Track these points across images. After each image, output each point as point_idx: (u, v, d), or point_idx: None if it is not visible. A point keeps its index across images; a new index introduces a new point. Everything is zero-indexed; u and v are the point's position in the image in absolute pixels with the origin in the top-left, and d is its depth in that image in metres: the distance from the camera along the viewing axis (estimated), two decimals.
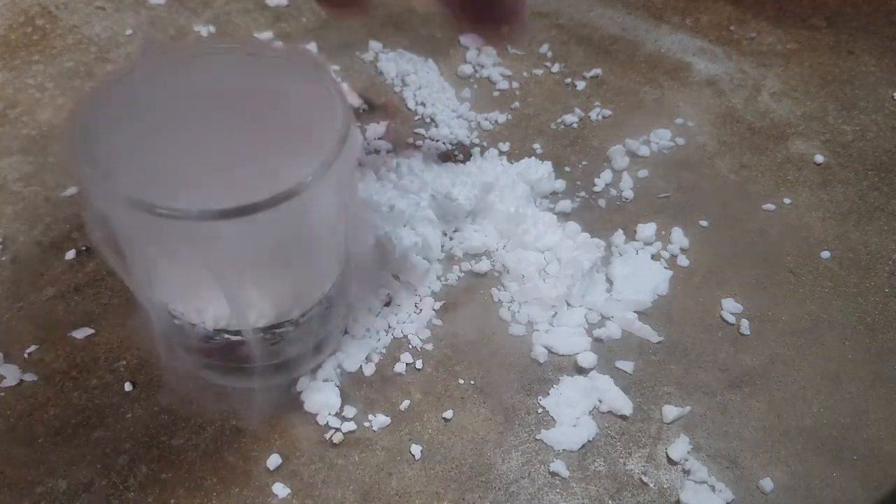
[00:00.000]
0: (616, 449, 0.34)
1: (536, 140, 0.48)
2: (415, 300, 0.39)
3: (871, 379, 0.37)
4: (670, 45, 0.54)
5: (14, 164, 0.45)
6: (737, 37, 0.55)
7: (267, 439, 0.34)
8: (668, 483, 0.33)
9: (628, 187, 0.45)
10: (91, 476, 0.33)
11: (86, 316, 0.38)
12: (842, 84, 0.51)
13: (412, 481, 0.33)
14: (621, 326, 0.38)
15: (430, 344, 0.38)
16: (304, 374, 0.35)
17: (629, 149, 0.47)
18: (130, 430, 0.34)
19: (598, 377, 0.36)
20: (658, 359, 0.37)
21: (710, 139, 0.48)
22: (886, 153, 0.47)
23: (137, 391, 0.36)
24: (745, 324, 0.38)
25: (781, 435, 0.35)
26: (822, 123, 0.49)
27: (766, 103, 0.50)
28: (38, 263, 0.40)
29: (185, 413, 0.35)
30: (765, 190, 0.45)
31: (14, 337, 0.37)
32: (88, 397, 0.35)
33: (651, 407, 0.36)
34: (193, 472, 0.33)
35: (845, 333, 0.38)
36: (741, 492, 0.33)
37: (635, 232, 0.42)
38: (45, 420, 0.34)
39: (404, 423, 0.35)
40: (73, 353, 0.37)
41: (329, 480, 0.33)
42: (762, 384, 0.36)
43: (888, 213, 0.44)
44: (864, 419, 0.35)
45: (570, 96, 0.51)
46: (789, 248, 0.42)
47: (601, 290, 0.40)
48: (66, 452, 0.33)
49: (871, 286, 0.40)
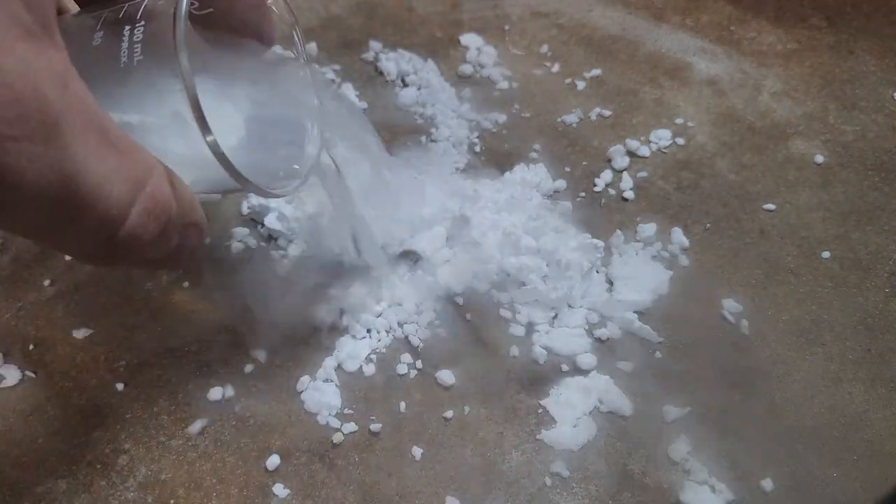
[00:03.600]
0: (616, 449, 0.34)
1: (536, 140, 0.48)
2: (416, 301, 0.39)
3: (871, 379, 0.37)
4: (670, 45, 0.54)
5: None
6: (737, 37, 0.55)
7: (267, 439, 0.34)
8: (668, 483, 0.33)
9: (628, 187, 0.45)
10: (91, 476, 0.33)
11: (86, 316, 0.38)
12: (842, 84, 0.51)
13: (412, 481, 0.33)
14: (621, 327, 0.38)
15: (430, 344, 0.38)
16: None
17: (629, 149, 0.47)
18: (130, 430, 0.34)
19: (598, 377, 0.36)
20: (658, 359, 0.37)
21: (710, 139, 0.48)
22: (886, 153, 0.47)
23: (137, 391, 0.36)
24: (745, 324, 0.38)
25: (781, 435, 0.35)
26: (822, 123, 0.49)
27: (766, 103, 0.50)
28: (38, 263, 0.40)
29: (185, 413, 0.35)
30: (765, 190, 0.45)
31: (14, 337, 0.37)
32: (88, 397, 0.35)
33: (651, 407, 0.36)
34: (193, 472, 0.33)
35: (845, 333, 0.38)
36: (741, 492, 0.33)
37: (635, 232, 0.42)
38: (45, 420, 0.34)
39: (404, 424, 0.35)
40: (73, 353, 0.37)
41: (329, 480, 0.33)
42: (762, 384, 0.36)
43: (888, 213, 0.43)
44: (864, 419, 0.35)
45: (570, 96, 0.51)
46: (789, 248, 0.42)
47: (601, 290, 0.40)
48: (66, 452, 0.33)
49: (871, 286, 0.40)
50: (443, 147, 0.47)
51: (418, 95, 0.50)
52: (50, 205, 0.20)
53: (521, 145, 0.47)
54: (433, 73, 0.51)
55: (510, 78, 0.52)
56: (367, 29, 0.55)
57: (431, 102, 0.49)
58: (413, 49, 0.53)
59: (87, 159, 0.20)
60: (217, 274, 0.40)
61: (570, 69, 0.52)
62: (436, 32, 0.55)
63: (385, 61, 0.52)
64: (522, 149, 0.47)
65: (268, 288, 0.39)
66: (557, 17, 0.56)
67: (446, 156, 0.46)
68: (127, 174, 0.21)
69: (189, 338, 0.37)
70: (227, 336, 0.38)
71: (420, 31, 0.55)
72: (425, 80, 0.51)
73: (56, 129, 0.19)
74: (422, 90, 0.50)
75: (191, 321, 0.38)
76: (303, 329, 0.38)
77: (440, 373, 0.36)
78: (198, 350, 0.37)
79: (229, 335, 0.38)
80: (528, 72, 0.52)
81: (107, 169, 0.21)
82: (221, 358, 0.37)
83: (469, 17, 0.56)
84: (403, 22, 0.56)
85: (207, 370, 0.36)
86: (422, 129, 0.48)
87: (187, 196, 0.24)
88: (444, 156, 0.46)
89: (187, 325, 0.38)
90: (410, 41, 0.54)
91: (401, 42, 0.54)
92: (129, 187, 0.21)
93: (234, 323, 0.38)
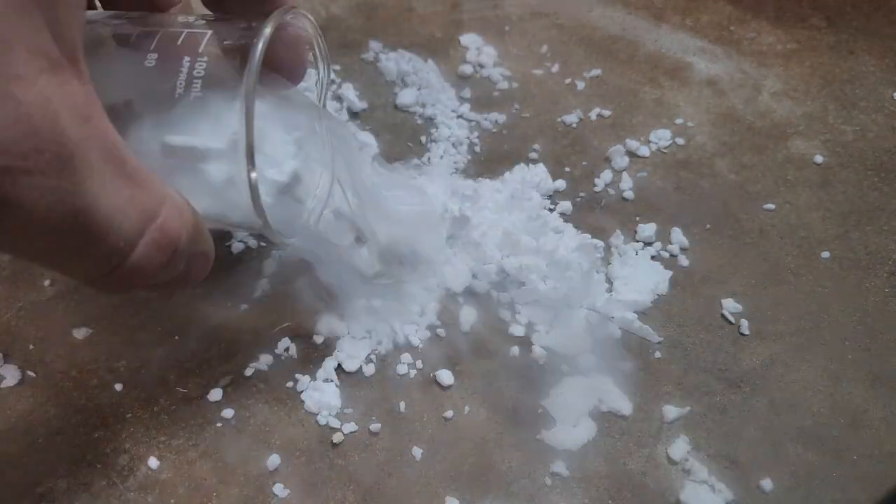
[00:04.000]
0: (616, 449, 0.34)
1: (536, 140, 0.48)
2: (415, 301, 0.39)
3: (871, 379, 0.37)
4: (670, 45, 0.54)
5: None
6: (737, 37, 0.55)
7: (267, 439, 0.34)
8: (668, 483, 0.33)
9: (628, 187, 0.45)
10: (91, 476, 0.33)
11: (86, 316, 0.38)
12: (842, 84, 0.51)
13: (412, 481, 0.33)
14: (621, 327, 0.38)
15: (430, 345, 0.38)
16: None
17: (629, 149, 0.47)
18: (130, 430, 0.34)
19: (598, 377, 0.36)
20: (658, 359, 0.37)
21: (710, 139, 0.48)
22: (886, 153, 0.47)
23: (137, 391, 0.36)
24: (745, 324, 0.38)
25: (781, 435, 0.35)
26: (822, 123, 0.49)
27: (766, 103, 0.50)
28: None
29: (185, 413, 0.35)
30: (765, 190, 0.45)
31: (14, 337, 0.37)
32: (88, 397, 0.35)
33: (651, 407, 0.36)
34: (193, 472, 0.33)
35: (845, 333, 0.38)
36: (741, 492, 0.33)
37: (635, 232, 0.42)
38: (45, 420, 0.34)
39: (404, 424, 0.35)
40: (73, 352, 0.37)
41: (329, 480, 0.33)
42: (762, 384, 0.36)
43: (888, 213, 0.44)
44: (864, 419, 0.35)
45: (570, 96, 0.51)
46: (789, 248, 0.42)
47: (601, 290, 0.40)
48: (66, 452, 0.33)
49: (871, 286, 0.40)
50: (443, 147, 0.47)
51: (418, 95, 0.50)
52: (59, 235, 0.20)
53: (521, 145, 0.47)
54: (433, 73, 0.51)
55: (510, 78, 0.52)
56: (367, 29, 0.55)
57: (431, 102, 0.49)
58: (413, 49, 0.53)
59: (101, 192, 0.20)
60: (217, 274, 0.40)
61: (570, 69, 0.52)
62: (436, 32, 0.55)
63: (385, 61, 0.52)
64: (522, 149, 0.47)
65: (267, 288, 0.40)
66: (557, 17, 0.56)
67: (446, 156, 0.46)
68: (139, 206, 0.22)
69: (189, 338, 0.37)
70: (227, 336, 0.38)
71: (420, 31, 0.55)
72: (425, 80, 0.51)
73: (71, 162, 0.19)
74: (422, 90, 0.50)
75: (191, 321, 0.38)
76: (302, 329, 0.38)
77: (440, 373, 0.36)
78: (198, 350, 0.37)
79: (229, 335, 0.38)
80: (528, 72, 0.52)
81: (120, 201, 0.21)
82: (221, 358, 0.37)
83: (469, 17, 0.56)
84: (403, 22, 0.56)
85: (208, 370, 0.36)
86: (422, 129, 0.48)
87: (198, 227, 0.25)
88: (444, 156, 0.46)
89: (187, 325, 0.38)
90: (410, 41, 0.54)
91: (401, 42, 0.54)
92: (139, 219, 0.22)
93: (233, 323, 0.38)
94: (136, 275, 0.23)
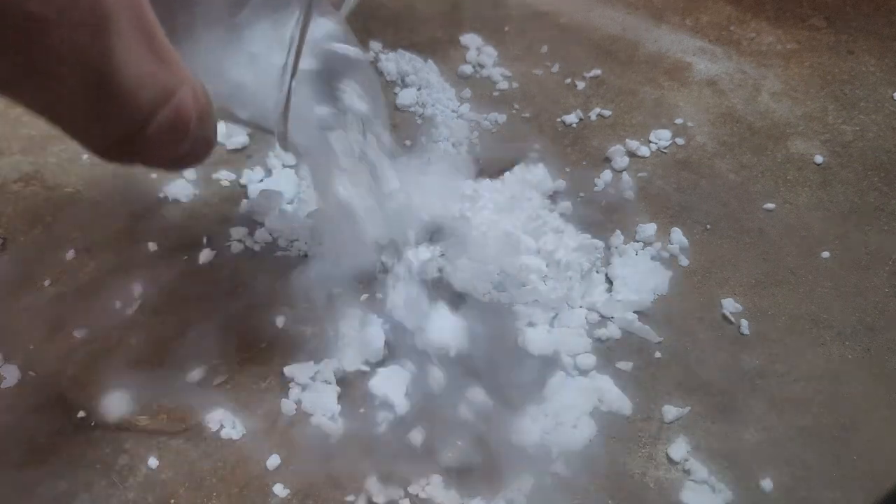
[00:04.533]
0: (616, 449, 0.34)
1: (536, 140, 0.48)
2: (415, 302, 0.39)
3: (871, 379, 0.37)
4: (670, 45, 0.54)
5: (14, 164, 0.45)
6: (737, 37, 0.55)
7: (267, 439, 0.34)
8: (668, 483, 0.33)
9: (628, 187, 0.45)
10: (91, 476, 0.33)
11: (86, 316, 0.38)
12: (842, 84, 0.51)
13: (412, 481, 0.33)
14: (621, 327, 0.38)
15: (429, 345, 0.38)
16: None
17: (629, 149, 0.47)
18: (130, 430, 0.34)
19: (599, 377, 0.36)
20: (658, 359, 0.37)
21: (710, 139, 0.48)
22: (886, 153, 0.47)
23: (137, 391, 0.36)
24: (745, 324, 0.38)
25: (781, 435, 0.35)
26: (822, 123, 0.49)
27: (766, 103, 0.50)
28: (38, 263, 0.40)
29: (185, 413, 0.35)
30: (765, 190, 0.45)
31: (14, 337, 0.37)
32: (88, 397, 0.35)
33: (651, 407, 0.36)
34: (193, 472, 0.33)
35: (845, 333, 0.38)
36: (741, 492, 0.33)
37: (635, 232, 0.42)
38: (46, 420, 0.34)
39: (404, 423, 0.35)
40: (72, 352, 0.37)
41: (329, 480, 0.33)
42: (762, 384, 0.36)
43: (888, 213, 0.44)
44: (864, 419, 0.35)
45: (570, 96, 0.51)
46: (789, 248, 0.42)
47: (601, 290, 0.40)
48: (66, 452, 0.33)
49: (871, 286, 0.40)
50: (443, 147, 0.47)
51: (418, 95, 0.50)
52: (84, 95, 0.21)
53: (521, 145, 0.47)
54: (433, 73, 0.51)
55: (510, 78, 0.52)
56: (367, 29, 0.55)
57: (431, 102, 0.49)
58: (413, 49, 0.53)
59: (128, 59, 0.21)
60: (216, 274, 0.40)
61: (570, 69, 0.52)
62: (436, 32, 0.55)
63: (385, 61, 0.52)
64: (522, 149, 0.47)
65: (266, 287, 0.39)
66: (557, 17, 0.56)
67: (446, 156, 0.46)
68: (160, 82, 0.22)
69: (189, 338, 0.37)
70: (227, 336, 0.38)
71: (420, 31, 0.55)
72: (425, 80, 0.51)
73: (105, 23, 0.20)
74: (422, 90, 0.50)
75: (190, 322, 0.38)
76: (302, 328, 0.38)
77: (440, 372, 0.36)
78: (198, 350, 0.37)
79: (229, 335, 0.38)
80: (528, 72, 0.52)
81: (143, 73, 0.22)
82: (221, 358, 0.37)
83: (469, 17, 0.56)
84: (403, 22, 0.56)
85: (208, 370, 0.36)
86: (422, 129, 0.48)
87: (207, 112, 0.25)
88: (444, 156, 0.46)
89: (187, 326, 0.38)
90: (410, 41, 0.54)
91: (401, 42, 0.54)
92: (158, 95, 0.22)
93: (233, 323, 0.38)
94: (145, 148, 0.23)
